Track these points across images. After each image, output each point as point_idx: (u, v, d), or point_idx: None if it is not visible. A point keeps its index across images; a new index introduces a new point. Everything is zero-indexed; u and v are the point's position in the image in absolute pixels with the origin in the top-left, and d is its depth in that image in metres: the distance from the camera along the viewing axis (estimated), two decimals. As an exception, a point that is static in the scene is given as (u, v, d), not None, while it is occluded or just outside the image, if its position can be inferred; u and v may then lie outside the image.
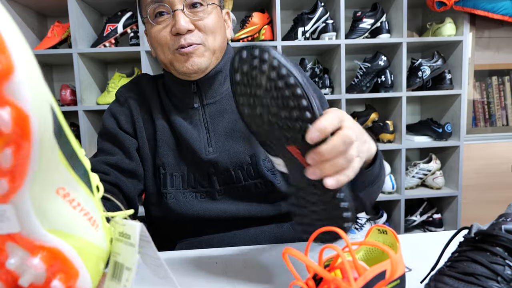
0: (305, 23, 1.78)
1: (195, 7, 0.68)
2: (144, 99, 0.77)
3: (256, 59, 0.39)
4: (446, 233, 0.64)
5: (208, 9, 0.69)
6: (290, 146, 0.42)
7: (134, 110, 0.75)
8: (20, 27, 1.73)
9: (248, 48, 0.40)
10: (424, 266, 0.49)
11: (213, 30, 0.70)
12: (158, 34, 0.69)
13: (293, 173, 0.45)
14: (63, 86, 1.78)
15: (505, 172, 1.97)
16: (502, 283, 0.37)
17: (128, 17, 1.76)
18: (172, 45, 0.68)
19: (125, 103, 0.77)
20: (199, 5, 0.68)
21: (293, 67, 0.39)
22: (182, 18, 0.66)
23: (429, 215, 2.01)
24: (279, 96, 0.40)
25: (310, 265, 0.35)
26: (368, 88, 1.88)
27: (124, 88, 0.80)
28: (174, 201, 0.72)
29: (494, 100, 2.08)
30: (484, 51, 2.04)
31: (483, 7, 1.79)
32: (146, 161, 0.74)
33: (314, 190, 0.44)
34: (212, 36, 0.70)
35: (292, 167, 0.45)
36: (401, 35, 1.77)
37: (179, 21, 0.66)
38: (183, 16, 0.66)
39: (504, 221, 0.41)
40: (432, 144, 1.88)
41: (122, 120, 0.75)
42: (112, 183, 0.69)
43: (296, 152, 0.42)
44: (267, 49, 0.39)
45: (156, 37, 0.70)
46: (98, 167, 0.70)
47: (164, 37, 0.69)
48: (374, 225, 0.46)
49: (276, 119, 0.41)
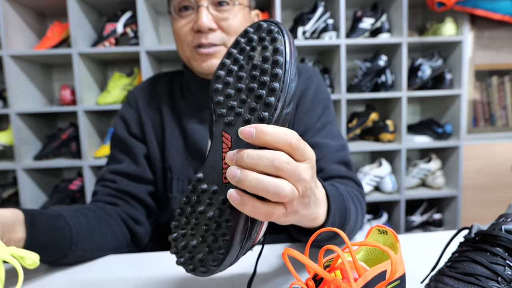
0: (305, 23, 1.78)
1: (221, 5, 0.66)
2: (156, 100, 0.76)
3: (268, 32, 0.37)
4: (446, 233, 0.64)
5: (234, 9, 0.67)
6: (225, 133, 0.36)
7: (143, 113, 0.74)
8: (20, 27, 1.73)
9: (270, 22, 0.38)
10: (424, 266, 0.49)
11: (236, 32, 0.67)
12: (179, 29, 0.67)
13: (209, 170, 0.37)
14: (63, 86, 1.79)
15: (505, 172, 1.97)
16: (502, 283, 0.37)
17: (128, 17, 1.76)
18: (192, 42, 0.67)
19: (135, 105, 0.75)
20: (225, 4, 0.66)
21: (290, 56, 0.36)
22: (205, 15, 0.64)
23: (429, 215, 2.01)
24: (257, 67, 0.37)
25: (310, 266, 0.35)
26: (368, 88, 1.88)
27: (136, 89, 0.79)
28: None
29: (494, 100, 2.08)
30: (484, 51, 2.04)
31: (483, 7, 1.78)
32: (156, 165, 0.73)
33: (216, 190, 0.36)
34: (234, 38, 0.67)
35: (213, 161, 0.37)
36: (401, 35, 1.77)
37: (202, 18, 0.64)
38: (206, 13, 0.64)
39: (504, 221, 0.41)
40: (432, 144, 1.88)
41: (130, 124, 0.74)
42: (119, 190, 0.69)
43: (225, 144, 0.36)
44: (284, 32, 0.37)
45: (178, 32, 0.68)
46: (106, 176, 0.71)
47: (185, 33, 0.67)
48: (374, 226, 0.46)
49: (241, 93, 0.37)
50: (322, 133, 0.72)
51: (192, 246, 0.37)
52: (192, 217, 0.38)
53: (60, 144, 1.78)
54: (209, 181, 0.37)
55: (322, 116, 0.73)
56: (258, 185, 0.32)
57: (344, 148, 0.73)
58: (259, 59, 0.37)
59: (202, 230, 0.37)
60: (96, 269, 0.57)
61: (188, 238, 0.38)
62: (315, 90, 0.75)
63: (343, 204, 0.52)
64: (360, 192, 0.68)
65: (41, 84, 1.87)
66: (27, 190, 1.73)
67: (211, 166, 0.37)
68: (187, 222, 0.38)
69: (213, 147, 0.37)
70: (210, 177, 0.37)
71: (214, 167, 0.37)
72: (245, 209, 0.33)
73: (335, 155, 0.70)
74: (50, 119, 1.96)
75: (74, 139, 1.80)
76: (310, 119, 0.72)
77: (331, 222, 0.47)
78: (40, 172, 1.83)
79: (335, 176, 0.68)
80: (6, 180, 1.96)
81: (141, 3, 1.64)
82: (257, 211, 0.33)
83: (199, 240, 0.37)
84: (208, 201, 0.37)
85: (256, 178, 0.32)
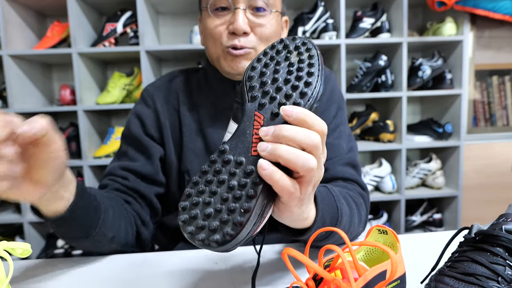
0: (305, 23, 1.78)
1: (258, 11, 0.66)
2: (174, 100, 0.75)
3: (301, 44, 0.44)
4: (446, 233, 0.64)
5: (270, 16, 0.67)
6: (258, 112, 0.40)
7: (161, 114, 0.73)
8: (20, 26, 1.73)
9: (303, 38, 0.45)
10: (424, 266, 0.49)
11: (268, 38, 0.68)
12: (213, 27, 0.67)
13: (237, 143, 0.40)
14: (63, 86, 1.79)
15: (505, 172, 1.97)
16: (503, 283, 0.37)
17: (128, 17, 1.76)
18: (226, 42, 0.67)
19: (152, 105, 0.74)
20: (262, 10, 0.66)
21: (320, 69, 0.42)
22: (241, 18, 0.64)
23: (429, 215, 2.01)
24: (293, 65, 0.42)
25: (310, 266, 0.35)
26: (369, 88, 1.88)
27: (153, 87, 0.77)
28: None
29: (494, 100, 2.08)
30: (484, 51, 2.04)
31: (484, 7, 1.78)
32: (172, 167, 0.72)
33: (237, 170, 0.38)
34: (265, 44, 0.68)
35: (242, 136, 0.40)
36: (402, 35, 1.77)
37: (238, 21, 0.64)
38: (243, 16, 0.65)
39: (504, 221, 0.41)
40: (433, 144, 1.88)
41: (148, 124, 0.73)
42: (130, 188, 0.69)
43: (257, 123, 0.39)
44: (317, 47, 0.44)
45: (211, 30, 0.68)
46: (117, 172, 0.70)
47: (219, 32, 0.67)
48: (374, 226, 0.45)
49: (276, 83, 0.41)
50: (335, 134, 0.73)
51: (206, 215, 0.37)
52: (210, 186, 0.38)
53: (60, 144, 1.78)
54: (235, 152, 0.39)
55: (336, 117, 0.75)
56: (289, 155, 0.35)
57: (353, 150, 0.73)
58: (295, 59, 0.43)
59: (220, 200, 0.37)
60: (96, 269, 0.57)
61: (202, 207, 0.37)
62: (330, 91, 0.76)
63: (334, 205, 0.52)
64: (362, 195, 0.68)
65: (41, 84, 1.87)
66: (27, 190, 1.72)
67: (239, 140, 0.39)
68: (202, 191, 0.38)
69: (242, 125, 0.40)
70: (236, 149, 0.39)
71: (243, 141, 0.39)
72: (273, 178, 0.35)
73: (344, 157, 0.70)
74: (50, 119, 1.96)
75: (74, 139, 1.80)
76: (324, 119, 0.72)
77: (321, 222, 0.48)
78: (40, 172, 1.83)
79: (340, 177, 0.68)
80: (6, 180, 1.96)
81: (141, 3, 1.64)
82: (282, 183, 0.36)
83: (216, 209, 0.37)
84: (233, 171, 0.38)
85: (288, 149, 0.35)
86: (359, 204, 0.63)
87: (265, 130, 0.37)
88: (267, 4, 0.67)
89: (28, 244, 0.45)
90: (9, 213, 1.78)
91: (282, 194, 0.37)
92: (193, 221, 0.37)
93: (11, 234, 1.86)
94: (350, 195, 0.62)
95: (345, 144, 0.73)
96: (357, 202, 0.63)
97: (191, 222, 0.37)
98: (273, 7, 0.68)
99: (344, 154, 0.71)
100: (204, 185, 0.38)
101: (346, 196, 0.60)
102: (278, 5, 0.70)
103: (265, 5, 0.66)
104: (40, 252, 1.78)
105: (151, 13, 1.81)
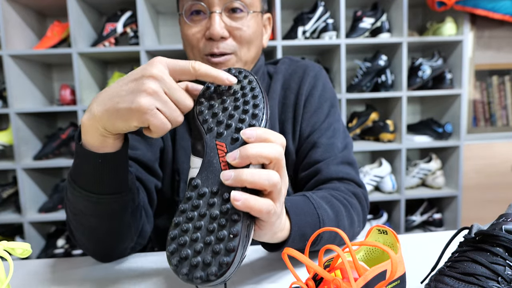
0: (305, 23, 1.78)
1: (235, 12, 0.64)
2: None
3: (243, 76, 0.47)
4: (446, 233, 0.64)
5: (248, 17, 0.65)
6: (219, 142, 0.41)
7: None
8: (20, 26, 1.73)
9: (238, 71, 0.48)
10: (424, 266, 0.49)
11: (248, 41, 0.66)
12: (190, 34, 0.65)
13: (207, 175, 0.40)
14: (63, 86, 1.78)
15: (505, 172, 1.97)
16: (503, 283, 0.37)
17: (128, 17, 1.76)
18: (203, 49, 0.65)
19: None
20: (239, 11, 0.64)
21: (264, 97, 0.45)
22: (218, 22, 0.62)
23: (429, 215, 2.01)
24: (237, 92, 0.45)
25: (310, 266, 0.35)
26: (368, 87, 1.88)
27: None
28: None
29: (494, 100, 2.08)
30: (484, 51, 2.04)
31: (484, 7, 1.78)
32: (166, 162, 0.72)
33: (215, 199, 0.39)
34: (246, 47, 0.66)
35: (210, 167, 0.41)
36: (402, 35, 1.77)
37: (214, 25, 0.62)
38: (219, 20, 0.62)
39: (504, 221, 0.41)
40: (433, 144, 1.88)
41: None
42: (135, 176, 0.66)
43: (221, 151, 0.41)
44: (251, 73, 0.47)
45: (188, 37, 0.66)
46: None
47: (196, 39, 0.65)
48: (374, 225, 0.45)
49: (227, 111, 0.44)
50: (329, 133, 0.71)
51: (196, 251, 0.37)
52: (193, 223, 0.38)
53: (60, 144, 1.78)
54: (208, 184, 0.40)
55: (329, 115, 0.73)
56: (253, 176, 0.37)
57: (347, 147, 0.72)
58: (237, 87, 0.46)
59: (206, 232, 0.37)
60: (96, 269, 0.57)
61: (190, 245, 0.37)
62: (322, 88, 0.74)
63: (314, 213, 0.52)
64: (355, 194, 0.66)
65: (41, 84, 1.87)
66: (27, 190, 1.72)
67: (208, 171, 0.40)
68: (186, 230, 0.38)
69: (207, 157, 0.41)
70: (208, 180, 0.40)
71: (213, 171, 0.40)
72: (249, 205, 0.37)
73: (338, 156, 0.69)
74: (50, 119, 1.96)
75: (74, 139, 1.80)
76: (318, 118, 0.72)
77: (298, 232, 0.49)
78: (40, 172, 1.83)
79: (334, 178, 0.67)
80: (6, 180, 1.96)
81: (141, 3, 1.64)
82: (259, 206, 0.37)
83: (205, 242, 0.37)
84: (211, 202, 0.39)
85: (249, 172, 0.37)
86: (350, 205, 0.62)
87: (232, 155, 0.39)
88: (244, 6, 0.64)
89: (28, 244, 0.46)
90: (9, 213, 1.78)
91: (262, 215, 0.38)
92: (184, 262, 0.37)
93: (11, 234, 1.86)
94: (337, 198, 0.61)
95: (340, 143, 0.71)
96: (346, 204, 0.61)
97: (183, 263, 0.37)
98: (251, 8, 0.65)
99: (338, 153, 0.70)
100: (186, 223, 0.39)
101: (331, 200, 0.59)
102: (256, 5, 0.67)
103: (241, 6, 0.64)
104: (40, 252, 1.78)
105: (151, 13, 1.81)
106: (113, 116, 0.42)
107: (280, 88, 0.74)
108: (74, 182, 0.49)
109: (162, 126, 0.42)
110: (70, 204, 0.53)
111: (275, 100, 0.73)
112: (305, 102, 0.73)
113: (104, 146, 0.46)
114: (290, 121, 0.73)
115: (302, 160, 0.72)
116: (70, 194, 0.51)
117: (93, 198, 0.49)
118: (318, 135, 0.71)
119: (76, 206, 0.51)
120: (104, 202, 0.50)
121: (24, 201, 1.70)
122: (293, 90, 0.73)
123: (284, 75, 0.75)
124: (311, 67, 0.76)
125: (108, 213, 0.51)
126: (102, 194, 0.49)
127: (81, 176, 0.49)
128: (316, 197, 0.56)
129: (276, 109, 0.73)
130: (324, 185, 0.66)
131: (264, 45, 0.75)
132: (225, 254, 0.36)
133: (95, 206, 0.50)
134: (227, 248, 0.36)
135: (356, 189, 0.67)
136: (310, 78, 0.74)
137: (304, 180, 0.70)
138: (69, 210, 0.54)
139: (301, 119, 0.72)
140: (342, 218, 0.58)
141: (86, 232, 0.54)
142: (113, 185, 0.50)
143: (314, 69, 0.76)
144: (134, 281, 0.52)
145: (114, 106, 0.41)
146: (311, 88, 0.73)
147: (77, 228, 0.55)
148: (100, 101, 0.43)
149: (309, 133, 0.71)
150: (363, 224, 0.66)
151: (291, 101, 0.73)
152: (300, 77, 0.74)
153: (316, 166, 0.68)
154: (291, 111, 0.73)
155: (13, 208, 1.84)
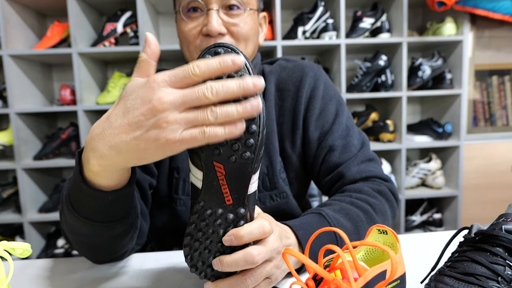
0: (305, 23, 1.78)
1: (232, 9, 0.64)
2: None
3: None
4: (446, 233, 0.64)
5: (244, 14, 0.66)
6: (216, 163, 0.39)
7: None
8: (20, 26, 1.73)
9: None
10: (424, 266, 0.49)
11: (245, 38, 0.66)
12: (187, 30, 0.66)
13: (209, 191, 0.41)
14: (63, 86, 1.78)
15: (505, 172, 1.97)
16: (503, 283, 0.37)
17: (128, 17, 1.76)
18: (199, 46, 0.65)
19: None
20: (236, 8, 0.64)
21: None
22: (215, 19, 0.62)
23: (429, 215, 2.01)
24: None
25: (310, 265, 0.35)
26: (368, 87, 1.88)
27: None
28: (183, 208, 0.70)
29: (494, 100, 2.08)
30: (484, 51, 2.04)
31: (484, 7, 1.78)
32: (164, 160, 0.71)
33: (222, 212, 0.41)
34: (243, 44, 0.67)
35: (210, 184, 0.41)
36: (401, 35, 1.77)
37: (212, 22, 0.62)
38: (216, 17, 0.63)
39: (504, 221, 0.41)
40: (432, 144, 1.88)
41: None
42: None
43: (219, 172, 0.39)
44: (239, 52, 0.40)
45: (184, 33, 0.66)
46: None
47: (193, 35, 0.65)
48: (374, 225, 0.45)
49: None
50: (343, 132, 0.70)
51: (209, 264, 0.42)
52: (203, 239, 0.42)
53: (60, 144, 1.78)
54: (211, 205, 0.41)
55: (338, 114, 0.71)
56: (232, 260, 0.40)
57: (365, 144, 0.71)
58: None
59: (216, 248, 0.42)
60: (96, 269, 0.57)
61: (203, 256, 0.42)
62: (324, 88, 0.73)
63: (331, 233, 0.53)
64: (380, 191, 0.64)
65: (41, 84, 1.87)
66: (27, 190, 1.72)
67: (210, 193, 0.41)
68: (196, 249, 0.43)
69: (206, 176, 0.40)
70: (211, 202, 0.41)
71: (214, 193, 0.41)
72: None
73: (358, 155, 0.68)
74: (50, 119, 1.96)
75: (74, 138, 1.80)
76: (326, 119, 0.71)
77: (312, 259, 0.49)
78: (40, 172, 1.83)
79: (357, 179, 0.66)
80: (6, 180, 1.96)
81: (141, 3, 1.64)
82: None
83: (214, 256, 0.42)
84: (218, 222, 0.41)
85: (232, 258, 0.40)
86: (373, 209, 0.60)
87: (228, 241, 0.40)
88: (241, 3, 0.65)
89: (28, 244, 0.45)
90: (9, 213, 1.78)
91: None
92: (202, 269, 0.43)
93: (11, 234, 1.86)
94: (358, 206, 0.59)
95: (356, 140, 0.70)
96: (367, 209, 0.59)
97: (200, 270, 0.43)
98: (247, 5, 0.66)
99: (356, 151, 0.68)
100: (197, 244, 0.42)
101: (350, 210, 0.57)
102: (253, 3, 0.67)
103: (238, 4, 0.64)
104: (40, 252, 1.79)
105: (151, 13, 1.81)
106: (141, 156, 0.38)
107: (274, 89, 0.73)
108: (76, 212, 0.46)
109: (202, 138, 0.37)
110: (69, 225, 0.49)
111: (271, 102, 0.72)
112: (307, 105, 0.71)
113: (118, 183, 0.44)
114: (288, 124, 0.72)
115: (320, 166, 0.70)
116: (69, 218, 0.48)
117: (99, 226, 0.47)
118: (331, 137, 0.69)
119: (76, 229, 0.48)
120: (111, 228, 0.48)
121: (24, 201, 1.70)
122: (291, 93, 0.72)
123: (278, 76, 0.74)
124: (309, 67, 0.74)
125: (112, 235, 0.50)
126: (109, 222, 0.47)
127: (85, 209, 0.45)
128: (333, 213, 0.55)
129: (273, 111, 0.71)
130: (348, 186, 0.65)
131: (260, 44, 0.74)
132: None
133: (99, 231, 0.48)
134: None
135: (381, 186, 0.65)
136: (310, 80, 0.72)
137: (328, 185, 0.69)
138: (67, 229, 0.51)
139: (308, 124, 0.70)
140: (362, 226, 0.56)
141: (84, 246, 0.53)
142: (122, 214, 0.48)
143: (313, 69, 0.74)
144: (134, 281, 0.52)
145: (139, 148, 0.37)
146: (312, 90, 0.71)
147: (76, 242, 0.53)
148: (113, 145, 0.37)
149: (319, 136, 0.70)
150: (392, 219, 0.65)
151: (289, 104, 0.72)
152: (298, 79, 0.72)
153: (338, 170, 0.67)
154: (289, 115, 0.71)
155: (13, 208, 1.84)
